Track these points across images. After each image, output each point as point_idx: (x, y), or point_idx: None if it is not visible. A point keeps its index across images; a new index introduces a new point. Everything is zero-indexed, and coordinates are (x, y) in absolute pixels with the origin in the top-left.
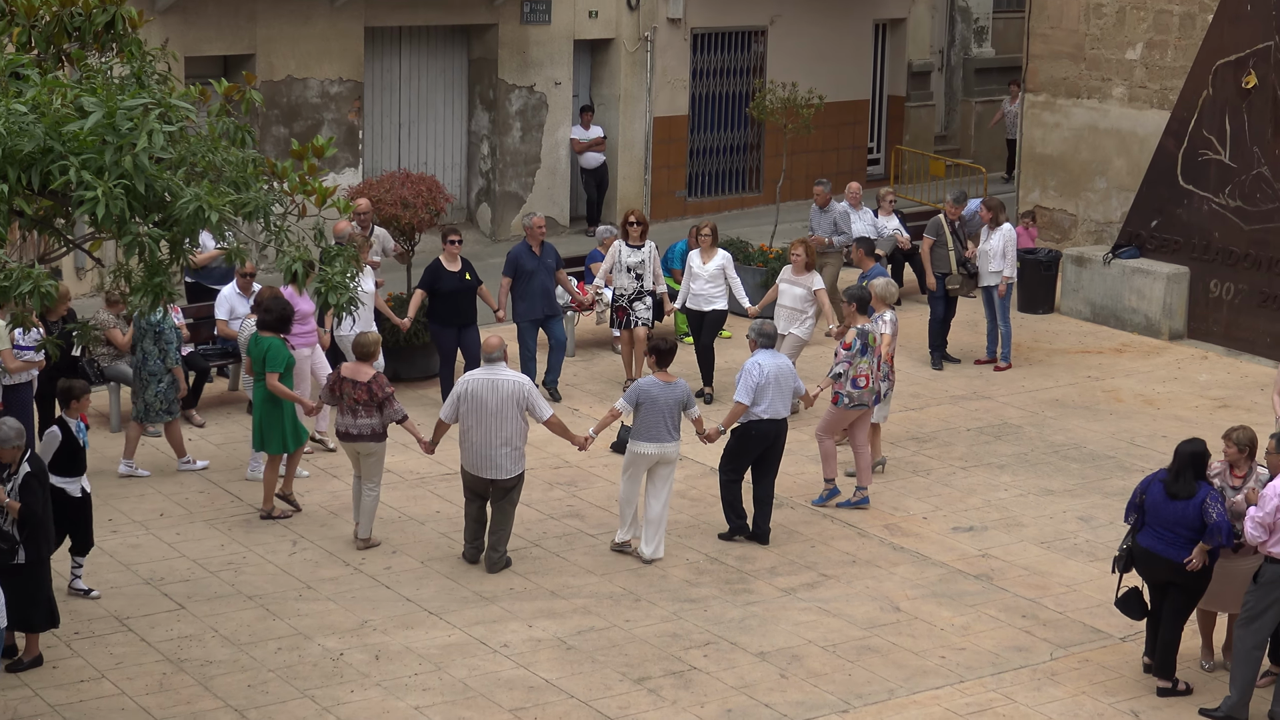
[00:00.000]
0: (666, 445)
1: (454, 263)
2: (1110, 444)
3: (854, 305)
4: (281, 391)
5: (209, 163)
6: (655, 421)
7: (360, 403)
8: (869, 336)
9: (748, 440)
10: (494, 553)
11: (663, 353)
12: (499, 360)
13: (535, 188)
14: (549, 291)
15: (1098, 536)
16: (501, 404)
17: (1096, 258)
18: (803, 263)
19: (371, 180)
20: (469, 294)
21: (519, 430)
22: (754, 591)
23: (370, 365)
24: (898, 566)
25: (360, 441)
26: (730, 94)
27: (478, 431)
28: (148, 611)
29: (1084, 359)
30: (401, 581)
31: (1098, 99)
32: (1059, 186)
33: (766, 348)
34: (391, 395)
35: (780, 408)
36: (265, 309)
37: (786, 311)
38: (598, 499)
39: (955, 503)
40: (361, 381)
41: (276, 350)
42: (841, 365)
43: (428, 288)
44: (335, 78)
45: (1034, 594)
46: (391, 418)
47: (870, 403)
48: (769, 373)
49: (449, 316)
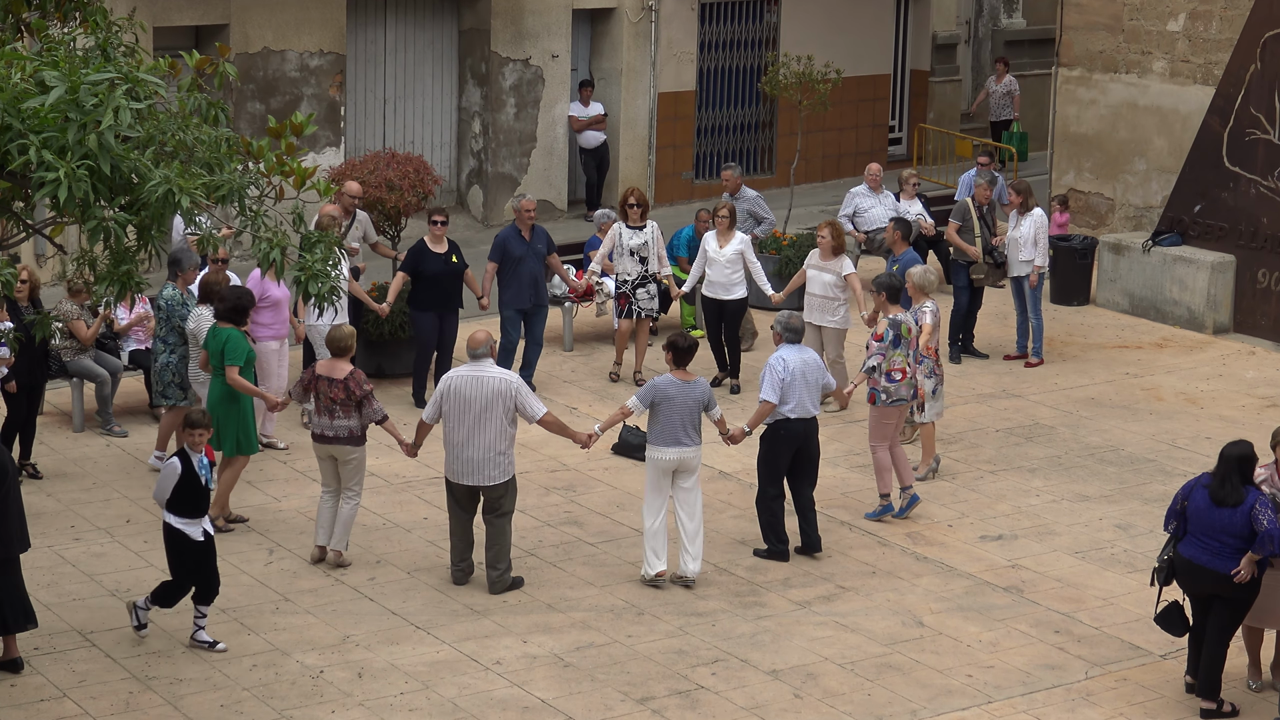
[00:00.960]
0: (686, 450)
1: (439, 244)
2: (1150, 446)
3: (884, 294)
4: (243, 386)
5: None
6: (673, 424)
7: (337, 402)
8: (901, 327)
9: (777, 443)
10: (493, 571)
11: (681, 350)
12: (485, 356)
13: (530, 169)
14: (538, 280)
15: (1136, 546)
16: (487, 403)
17: (1135, 245)
18: (830, 246)
19: (354, 161)
20: (454, 278)
21: (506, 434)
22: (766, 605)
23: (346, 361)
24: (921, 578)
25: (337, 444)
26: (741, 68)
27: (460, 433)
28: (113, 625)
29: (1122, 354)
30: (386, 593)
31: (1137, 74)
32: (1095, 168)
33: (792, 343)
34: (370, 393)
35: (809, 405)
36: (220, 298)
37: (818, 301)
38: (597, 505)
39: (983, 509)
40: (337, 379)
41: (236, 342)
42: (875, 358)
43: (410, 271)
44: (315, 50)
45: (1068, 608)
46: (370, 418)
47: (909, 396)
48: (794, 368)
49: (431, 301)
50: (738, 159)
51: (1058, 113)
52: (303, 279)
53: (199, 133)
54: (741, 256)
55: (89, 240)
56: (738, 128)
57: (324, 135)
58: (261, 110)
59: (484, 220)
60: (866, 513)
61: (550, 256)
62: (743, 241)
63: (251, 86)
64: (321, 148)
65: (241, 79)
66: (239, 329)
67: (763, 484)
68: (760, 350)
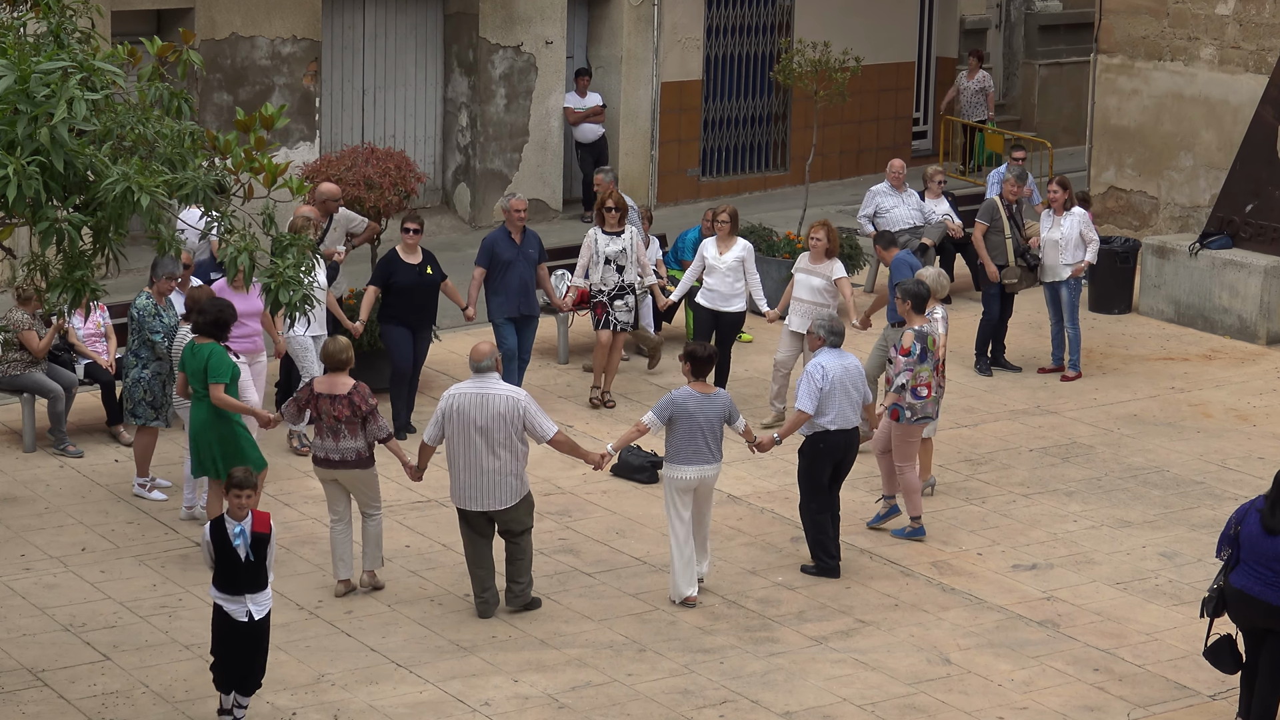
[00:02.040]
0: (707, 468)
1: (412, 254)
2: (1198, 467)
3: (909, 303)
4: (230, 404)
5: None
6: (692, 440)
7: (342, 420)
8: (928, 339)
9: (817, 456)
10: (515, 585)
11: (699, 360)
12: (489, 370)
13: (522, 165)
14: (528, 286)
15: (1183, 576)
16: (493, 422)
17: (1181, 248)
18: (823, 248)
19: (330, 156)
20: (428, 291)
21: (516, 454)
22: (779, 640)
23: (346, 375)
24: (948, 611)
25: (345, 469)
26: (751, 55)
27: (466, 455)
28: (67, 663)
29: (1166, 367)
30: (365, 628)
31: (1183, 61)
32: (1137, 164)
33: (835, 346)
34: (375, 409)
35: (850, 415)
36: (200, 310)
37: (804, 306)
38: (595, 531)
39: (1015, 536)
40: (340, 395)
41: (219, 358)
42: (904, 374)
43: (381, 283)
44: (288, 36)
45: (1108, 644)
46: (374, 435)
47: (935, 414)
48: (834, 376)
49: (403, 315)
50: (748, 155)
51: (1097, 104)
52: (273, 286)
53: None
54: (743, 265)
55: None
56: (748, 120)
57: (297, 129)
58: (229, 101)
59: (471, 221)
60: (894, 529)
61: (540, 265)
62: (745, 249)
63: (218, 76)
64: (294, 142)
65: (207, 67)
66: (220, 344)
67: (805, 499)
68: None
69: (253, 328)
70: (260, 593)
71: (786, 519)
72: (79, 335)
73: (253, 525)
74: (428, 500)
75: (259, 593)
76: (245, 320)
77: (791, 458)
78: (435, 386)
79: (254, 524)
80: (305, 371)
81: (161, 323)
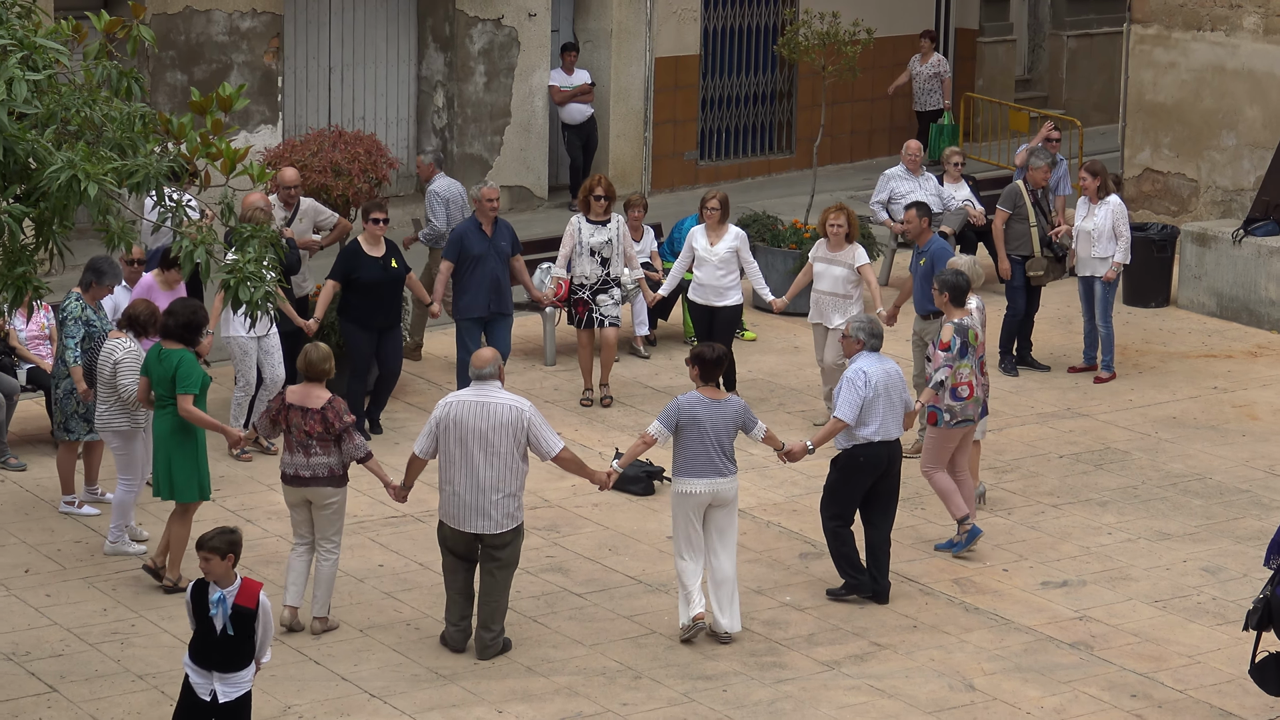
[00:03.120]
0: (720, 481)
1: (376, 246)
2: (1243, 474)
3: (947, 295)
4: (199, 418)
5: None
6: (702, 450)
7: (313, 436)
8: (969, 333)
9: (854, 471)
10: (485, 633)
11: (708, 362)
12: (491, 378)
13: (504, 149)
14: (499, 283)
15: (1227, 593)
16: (494, 434)
17: (1224, 235)
18: (842, 234)
19: (294, 141)
20: (393, 286)
21: (516, 471)
22: (787, 666)
23: (322, 386)
24: (971, 632)
25: (314, 486)
26: (753, 27)
27: (461, 470)
28: (9, 695)
29: (1208, 365)
30: (335, 656)
31: (1224, 31)
32: (1175, 144)
33: (875, 349)
34: (351, 426)
35: (892, 427)
36: (170, 311)
37: (826, 299)
38: (586, 548)
39: (1044, 550)
40: (313, 408)
41: (189, 366)
42: (942, 371)
43: (341, 278)
44: (247, 9)
45: (1146, 667)
46: (352, 454)
47: (976, 416)
48: (877, 383)
49: (367, 314)
50: (750, 136)
51: (1130, 78)
52: (232, 283)
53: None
54: (736, 255)
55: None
56: (750, 99)
57: (257, 111)
58: (183, 81)
59: None
60: (936, 544)
61: (515, 258)
62: (738, 238)
63: (171, 53)
64: (255, 125)
65: (159, 44)
66: (192, 350)
67: (826, 513)
68: (761, 358)
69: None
70: (235, 673)
71: (794, 533)
72: (20, 338)
73: (238, 596)
74: (403, 516)
75: (233, 673)
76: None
77: (800, 466)
78: (410, 391)
79: (240, 595)
80: (241, 377)
81: (85, 328)
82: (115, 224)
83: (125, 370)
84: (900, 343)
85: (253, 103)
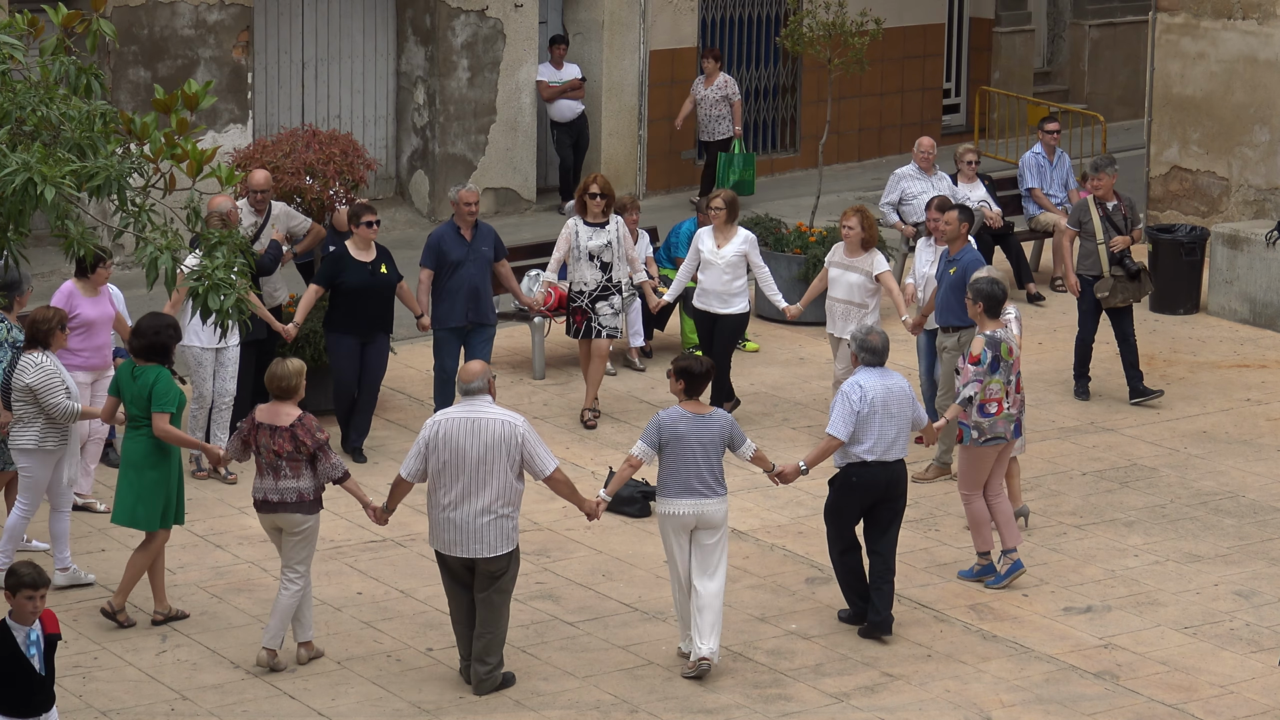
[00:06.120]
0: (706, 501)
1: (365, 250)
2: (1278, 492)
3: (981, 305)
4: (177, 437)
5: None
6: (686, 469)
7: (282, 456)
8: (1001, 346)
9: (848, 491)
10: (481, 666)
11: (693, 376)
12: (481, 392)
13: (489, 148)
14: (479, 291)
15: (1262, 619)
16: (486, 453)
17: (1257, 237)
18: (858, 238)
19: (265, 141)
20: (382, 294)
21: (510, 490)
22: (792, 698)
23: (293, 404)
24: (989, 661)
25: (284, 512)
26: (754, 18)
27: (452, 492)
28: None
29: (1241, 376)
30: (311, 689)
31: (1257, 19)
32: (1204, 140)
33: (872, 365)
34: (326, 444)
35: (893, 446)
36: (137, 331)
37: (841, 307)
38: (577, 574)
39: (1067, 574)
40: (281, 426)
41: (165, 384)
42: (971, 386)
43: (326, 283)
44: (214, 1)
45: (1176, 698)
46: (328, 474)
47: (1009, 434)
48: (875, 398)
49: (352, 322)
50: (752, 133)
51: (1156, 70)
52: (201, 290)
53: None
54: (745, 259)
55: None
56: (751, 94)
57: (226, 109)
58: (147, 78)
59: (430, 214)
60: (960, 570)
61: (499, 263)
62: (747, 240)
63: (134, 48)
64: (223, 125)
65: (121, 39)
66: (166, 367)
67: (834, 541)
68: (765, 370)
69: (102, 339)
70: (50, 712)
71: (800, 557)
72: None
73: (44, 627)
74: (383, 540)
75: (51, 712)
76: (95, 330)
77: (806, 485)
78: (391, 407)
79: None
80: (195, 389)
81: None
82: (74, 230)
83: (46, 391)
84: (908, 353)
85: (221, 100)
